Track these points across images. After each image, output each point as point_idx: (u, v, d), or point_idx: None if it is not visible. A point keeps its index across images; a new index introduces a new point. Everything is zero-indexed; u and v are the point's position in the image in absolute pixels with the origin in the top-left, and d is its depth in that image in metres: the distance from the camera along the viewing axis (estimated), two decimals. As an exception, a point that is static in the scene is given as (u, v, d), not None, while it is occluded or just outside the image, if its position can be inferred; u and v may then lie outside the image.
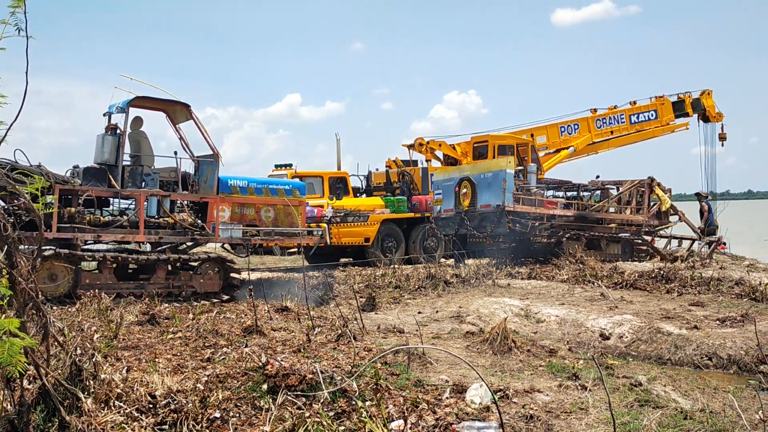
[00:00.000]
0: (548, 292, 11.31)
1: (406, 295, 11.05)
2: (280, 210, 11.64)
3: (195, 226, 10.55)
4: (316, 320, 8.55)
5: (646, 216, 16.90)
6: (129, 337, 6.96)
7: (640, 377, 6.07)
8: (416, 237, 17.94)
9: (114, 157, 10.24)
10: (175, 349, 6.29)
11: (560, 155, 21.28)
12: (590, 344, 8.34)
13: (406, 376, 5.49)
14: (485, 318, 9.09)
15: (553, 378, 5.78)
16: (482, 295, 10.83)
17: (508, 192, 14.28)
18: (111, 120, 10.71)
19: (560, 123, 21.48)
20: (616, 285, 11.84)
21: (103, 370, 4.56)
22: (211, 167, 11.11)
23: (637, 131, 22.49)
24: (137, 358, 5.85)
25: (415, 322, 8.92)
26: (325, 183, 18.02)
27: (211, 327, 7.19)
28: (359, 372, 5.37)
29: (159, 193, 10.32)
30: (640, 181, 17.14)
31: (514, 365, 6.11)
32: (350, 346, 6.66)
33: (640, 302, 10.35)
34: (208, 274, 10.56)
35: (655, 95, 22.87)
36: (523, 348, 6.71)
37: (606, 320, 8.89)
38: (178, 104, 10.99)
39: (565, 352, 7.04)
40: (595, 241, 15.95)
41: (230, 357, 5.87)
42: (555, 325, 8.99)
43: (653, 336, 8.27)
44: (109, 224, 9.93)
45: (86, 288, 9.36)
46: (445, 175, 16.36)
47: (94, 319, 8.12)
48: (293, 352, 6.36)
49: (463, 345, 7.03)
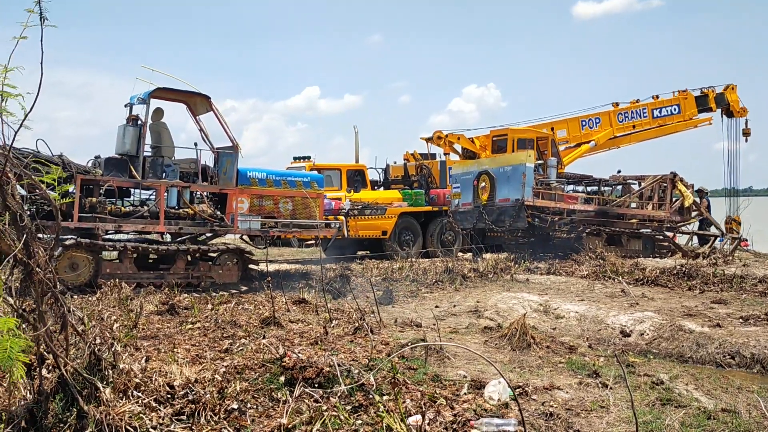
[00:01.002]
0: (568, 288, 11.20)
1: (423, 289, 11.00)
2: (298, 202, 11.64)
3: (214, 218, 10.58)
4: (334, 313, 8.53)
5: (668, 212, 16.68)
6: (148, 326, 6.99)
7: (661, 375, 5.98)
8: (434, 231, 17.87)
9: (135, 147, 10.29)
10: (194, 339, 6.31)
11: (581, 149, 21.03)
12: (610, 341, 8.25)
13: (423, 371, 5.46)
14: (503, 313, 9.03)
15: (573, 375, 5.71)
16: (500, 290, 10.75)
17: (527, 186, 14.11)
18: (132, 111, 10.76)
19: (581, 117, 21.20)
20: (637, 281, 11.69)
21: (122, 360, 4.57)
22: (231, 159, 11.13)
23: (659, 126, 22.14)
24: (156, 347, 5.86)
25: (432, 316, 8.88)
26: (343, 176, 18.00)
27: (230, 318, 7.20)
28: (377, 366, 5.35)
29: (179, 184, 10.35)
30: (662, 176, 16.90)
31: (533, 361, 6.05)
32: (367, 339, 6.64)
33: (661, 299, 10.21)
34: (226, 265, 10.59)
35: (678, 89, 22.52)
36: (542, 344, 6.64)
37: (627, 317, 8.79)
38: (199, 96, 11.00)
39: (585, 349, 6.96)
40: (616, 237, 15.76)
41: (248, 348, 5.87)
42: (574, 322, 8.90)
43: (675, 333, 8.15)
44: (130, 214, 9.99)
45: (107, 277, 9.42)
46: (463, 168, 16.23)
47: (114, 308, 8.18)
48: (310, 345, 6.34)
49: (481, 340, 6.97)
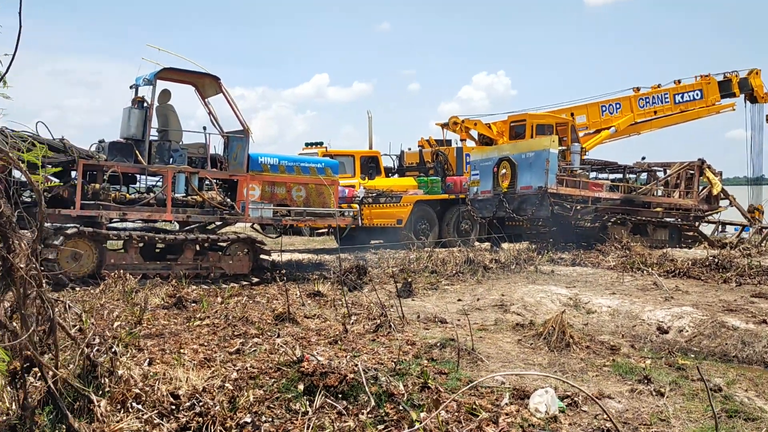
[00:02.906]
0: (596, 280, 10.62)
1: (444, 281, 10.43)
2: (312, 189, 11.09)
3: (224, 205, 10.05)
4: (352, 307, 8.00)
5: (695, 200, 16.03)
6: (153, 322, 6.48)
7: (717, 380, 5.42)
8: (450, 219, 17.29)
9: (141, 131, 9.75)
10: (202, 338, 5.78)
11: (601, 136, 20.40)
12: (647, 338, 7.69)
13: (456, 376, 4.91)
14: (531, 307, 8.47)
15: (621, 380, 5.15)
16: (525, 283, 10.18)
17: (551, 173, 13.46)
18: (138, 93, 10.22)
19: (601, 102, 20.59)
20: (668, 273, 11.07)
21: (122, 365, 4.05)
22: (242, 143, 10.58)
23: (681, 111, 21.49)
24: (161, 348, 5.34)
25: (455, 310, 8.34)
26: (356, 162, 17.44)
27: (241, 313, 6.66)
28: (406, 371, 4.81)
29: (187, 169, 9.81)
30: (689, 163, 16.25)
31: (575, 365, 5.49)
32: (391, 338, 6.11)
33: (696, 292, 9.61)
34: (237, 255, 10.06)
35: (700, 74, 21.82)
36: (581, 344, 6.09)
37: (663, 312, 8.21)
38: (208, 77, 10.44)
39: (628, 350, 6.40)
40: (642, 226, 15.13)
41: (261, 349, 5.34)
42: (607, 317, 8.34)
43: (717, 330, 7.58)
44: (135, 202, 9.46)
45: (111, 268, 8.93)
46: (482, 154, 15.59)
47: (119, 301, 7.69)
48: (329, 344, 5.82)
49: (513, 339, 6.42)
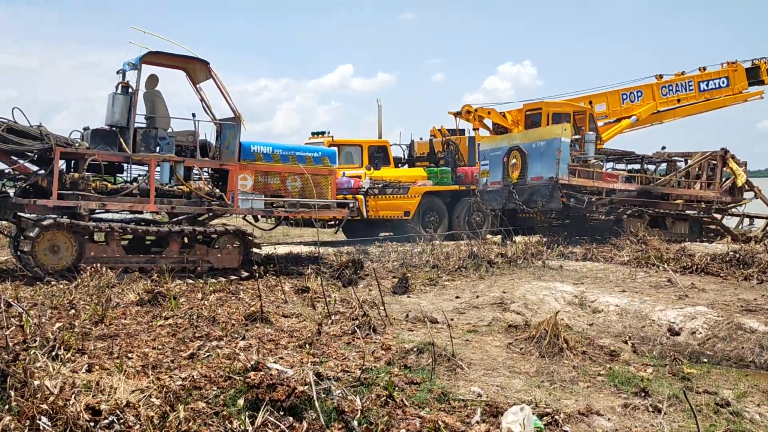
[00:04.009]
0: (606, 276, 10.00)
1: (444, 276, 9.90)
2: (308, 179, 10.58)
3: (212, 196, 9.60)
4: (338, 304, 7.52)
5: (717, 192, 15.25)
6: (115, 321, 6.04)
7: (725, 393, 4.84)
8: (460, 211, 16.72)
9: (125, 118, 9.32)
10: (159, 339, 5.33)
11: (621, 125, 19.68)
12: (656, 340, 7.10)
13: (428, 386, 4.39)
14: (532, 306, 7.89)
15: (615, 393, 4.59)
16: (530, 278, 9.60)
17: (562, 163, 12.79)
18: (125, 78, 9.79)
19: (622, 90, 19.86)
20: (685, 269, 10.38)
21: (38, 376, 3.59)
22: (233, 131, 10.11)
23: (705, 99, 20.66)
24: (109, 351, 4.90)
25: (451, 308, 7.81)
26: (364, 152, 16.91)
27: (209, 313, 6.18)
28: (370, 382, 4.30)
29: (172, 158, 9.36)
30: (711, 153, 15.44)
31: (565, 373, 4.93)
32: (367, 341, 5.60)
33: (713, 290, 8.96)
34: (226, 248, 9.61)
35: (726, 61, 20.95)
36: (577, 349, 5.53)
37: (675, 312, 7.59)
38: (197, 61, 9.97)
39: (629, 355, 5.83)
40: (660, 219, 14.40)
41: (218, 354, 4.86)
42: (614, 317, 7.74)
43: (733, 333, 6.97)
44: (117, 191, 9.05)
45: (91, 261, 8.53)
46: (492, 144, 14.96)
47: (92, 297, 7.28)
48: (299, 347, 5.34)
49: (503, 342, 5.87)
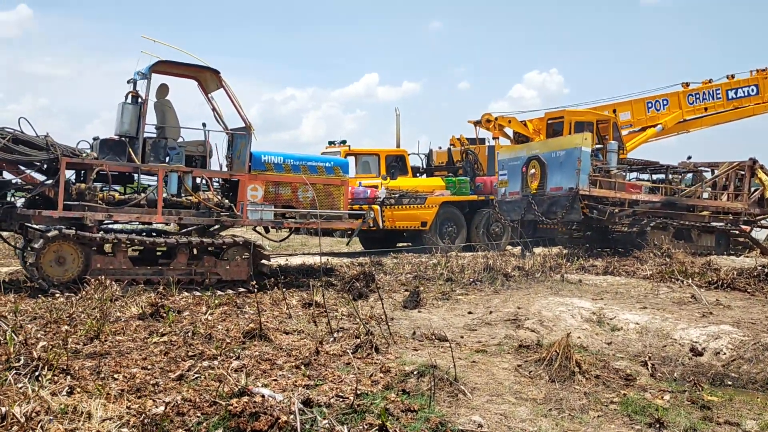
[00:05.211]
0: (627, 292, 9.62)
1: (458, 290, 9.60)
2: (320, 190, 10.39)
3: (221, 207, 9.44)
4: (345, 320, 7.28)
5: (745, 203, 14.74)
6: (110, 338, 5.86)
7: (748, 423, 4.49)
8: (479, 222, 16.40)
9: (135, 128, 9.22)
10: (150, 359, 5.12)
11: (646, 134, 19.20)
12: (678, 361, 6.71)
13: (426, 414, 4.12)
14: (547, 323, 7.57)
15: (628, 423, 4.26)
16: (547, 293, 9.26)
17: (582, 173, 12.43)
18: (135, 87, 9.70)
19: (647, 98, 19.40)
20: (710, 284, 9.96)
21: (8, 401, 3.40)
22: (244, 141, 9.96)
23: (734, 108, 20.14)
24: (96, 371, 4.70)
25: (462, 325, 7.52)
26: (381, 161, 16.71)
27: (205, 330, 5.97)
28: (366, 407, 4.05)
29: (180, 168, 9.22)
30: (739, 163, 14.96)
31: (575, 400, 4.62)
32: (368, 361, 5.34)
33: (740, 308, 8.53)
34: (235, 260, 9.43)
35: (756, 68, 20.38)
36: (590, 372, 5.20)
37: (698, 331, 7.20)
38: (207, 70, 9.85)
39: (646, 380, 5.48)
40: (685, 232, 13.94)
41: (208, 375, 4.64)
42: (634, 335, 7.38)
43: (760, 354, 6.56)
44: (125, 202, 8.93)
45: (97, 273, 8.40)
46: (511, 153, 14.65)
47: (95, 310, 7.14)
48: (295, 368, 5.10)
49: (512, 364, 5.57)
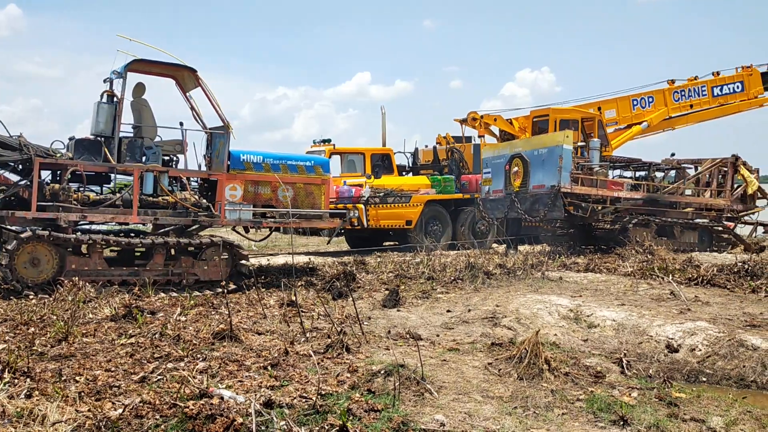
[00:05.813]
0: (607, 289, 9.62)
1: (439, 288, 9.57)
2: (300, 189, 10.34)
3: (198, 206, 9.37)
4: (321, 320, 7.24)
5: (728, 199, 14.77)
6: (79, 340, 5.80)
7: (714, 420, 4.48)
8: (465, 220, 16.37)
9: (110, 127, 9.14)
10: (115, 361, 5.07)
11: (632, 131, 19.27)
12: (654, 357, 6.74)
13: (389, 414, 4.08)
14: (525, 321, 7.56)
15: (592, 421, 4.24)
16: (527, 291, 9.25)
17: (564, 171, 12.41)
18: (112, 86, 9.63)
19: (632, 95, 19.47)
20: (690, 281, 9.97)
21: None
22: (223, 140, 9.89)
23: (719, 105, 20.24)
24: (57, 373, 4.65)
25: (440, 323, 7.49)
26: (367, 160, 16.65)
27: (174, 331, 5.92)
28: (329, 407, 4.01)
29: (156, 168, 9.15)
30: (722, 159, 14.98)
31: (541, 398, 4.59)
32: (337, 361, 5.31)
33: (718, 304, 8.54)
34: (213, 260, 9.36)
35: (741, 65, 20.45)
36: (559, 370, 5.18)
37: (675, 327, 7.21)
38: (184, 69, 9.77)
39: (616, 377, 5.47)
40: (668, 228, 13.96)
41: (171, 378, 4.59)
42: (611, 332, 7.38)
43: (734, 350, 6.59)
44: (100, 202, 8.85)
45: (72, 274, 8.32)
46: (494, 151, 14.63)
47: (67, 312, 7.07)
48: (263, 369, 5.05)
49: (483, 362, 5.54)
